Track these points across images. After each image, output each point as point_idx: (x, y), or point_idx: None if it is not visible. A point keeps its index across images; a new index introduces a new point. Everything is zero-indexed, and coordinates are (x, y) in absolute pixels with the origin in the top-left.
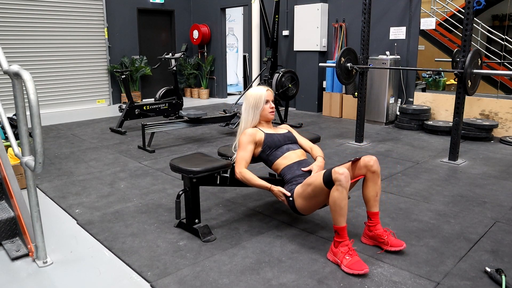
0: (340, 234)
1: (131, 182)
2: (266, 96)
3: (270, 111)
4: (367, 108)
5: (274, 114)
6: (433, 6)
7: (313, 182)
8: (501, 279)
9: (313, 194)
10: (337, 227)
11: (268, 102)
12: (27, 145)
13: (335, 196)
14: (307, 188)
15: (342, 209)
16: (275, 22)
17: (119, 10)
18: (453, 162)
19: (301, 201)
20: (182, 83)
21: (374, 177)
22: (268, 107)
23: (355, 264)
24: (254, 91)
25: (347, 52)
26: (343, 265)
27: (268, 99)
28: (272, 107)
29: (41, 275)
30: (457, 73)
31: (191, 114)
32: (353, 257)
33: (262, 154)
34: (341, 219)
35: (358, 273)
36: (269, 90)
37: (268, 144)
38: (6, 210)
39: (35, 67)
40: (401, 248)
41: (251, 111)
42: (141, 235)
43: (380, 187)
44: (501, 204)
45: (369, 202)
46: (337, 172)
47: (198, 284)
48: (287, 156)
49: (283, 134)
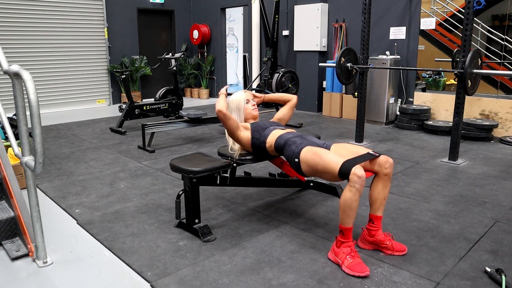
0: (345, 234)
1: (131, 182)
2: (244, 96)
3: (252, 108)
4: (367, 108)
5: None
6: (433, 6)
7: (325, 159)
8: (501, 279)
9: (321, 169)
10: (344, 227)
11: (248, 102)
12: (27, 145)
13: (347, 196)
14: (318, 159)
15: (351, 211)
16: (275, 22)
17: (119, 10)
18: (453, 162)
19: (306, 167)
20: (182, 83)
21: (385, 180)
22: (249, 105)
23: (356, 266)
24: (233, 96)
25: (347, 52)
26: (344, 266)
27: (247, 98)
28: (253, 104)
29: (41, 275)
30: (457, 73)
31: (191, 114)
32: (355, 258)
33: (254, 140)
34: (349, 220)
35: (359, 275)
36: (246, 91)
37: (255, 129)
38: (6, 210)
39: (35, 67)
40: (404, 252)
41: (235, 113)
42: (141, 235)
43: (389, 192)
44: (501, 204)
45: (375, 204)
46: (356, 174)
47: (198, 284)
48: (275, 132)
49: (269, 121)
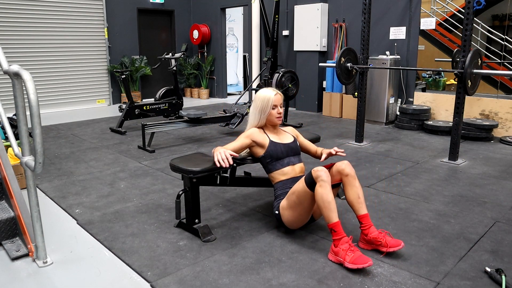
0: (336, 230)
1: (131, 182)
2: (273, 101)
3: (277, 117)
4: (367, 108)
5: (282, 119)
6: (433, 6)
7: (296, 189)
8: (501, 279)
9: (298, 201)
10: (331, 224)
11: (275, 107)
12: (27, 145)
13: (320, 192)
14: (291, 196)
15: (330, 203)
16: (275, 22)
17: (119, 10)
18: (453, 162)
19: (287, 212)
20: (182, 83)
21: (350, 180)
22: (275, 112)
23: (358, 259)
24: (263, 93)
25: (347, 52)
26: (347, 262)
27: (276, 104)
28: (280, 112)
29: (41, 275)
30: (457, 73)
31: (191, 114)
32: (355, 252)
33: (263, 159)
34: (332, 215)
35: (363, 266)
36: (278, 94)
37: (270, 153)
38: (6, 210)
39: (35, 67)
40: (400, 247)
41: (257, 114)
42: (141, 235)
43: (360, 188)
44: (501, 204)
45: (353, 206)
46: (316, 171)
47: (198, 284)
48: (285, 171)
49: (287, 144)
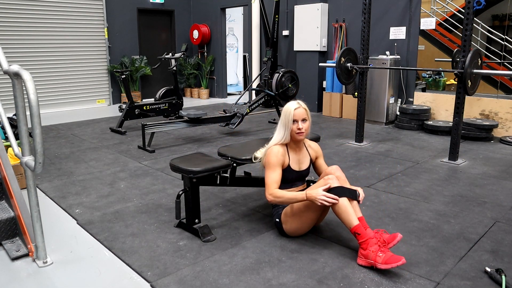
0: (360, 233)
1: (131, 182)
2: (293, 115)
3: (297, 132)
4: (367, 108)
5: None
6: (433, 6)
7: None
8: (501, 279)
9: (305, 208)
10: (354, 227)
11: (296, 122)
12: (27, 145)
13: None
14: (297, 203)
15: (347, 207)
16: (275, 22)
17: (119, 10)
18: (453, 162)
19: (292, 220)
20: (182, 83)
21: (341, 183)
22: (295, 128)
23: (390, 259)
24: (286, 106)
25: (347, 52)
26: (379, 264)
27: (297, 118)
28: (300, 128)
29: (41, 275)
30: (457, 73)
31: (191, 114)
32: (386, 253)
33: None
34: (352, 218)
35: (397, 265)
36: (299, 107)
37: (285, 175)
38: (6, 210)
39: (35, 67)
40: (398, 239)
41: (282, 129)
42: (141, 235)
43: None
44: (501, 204)
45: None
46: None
47: (198, 284)
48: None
49: (301, 172)
